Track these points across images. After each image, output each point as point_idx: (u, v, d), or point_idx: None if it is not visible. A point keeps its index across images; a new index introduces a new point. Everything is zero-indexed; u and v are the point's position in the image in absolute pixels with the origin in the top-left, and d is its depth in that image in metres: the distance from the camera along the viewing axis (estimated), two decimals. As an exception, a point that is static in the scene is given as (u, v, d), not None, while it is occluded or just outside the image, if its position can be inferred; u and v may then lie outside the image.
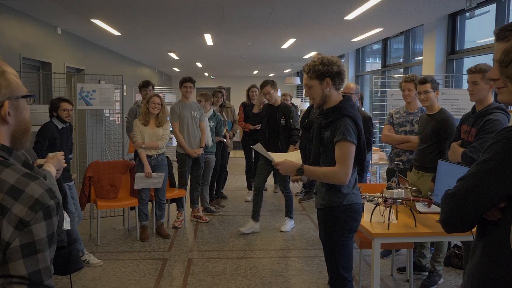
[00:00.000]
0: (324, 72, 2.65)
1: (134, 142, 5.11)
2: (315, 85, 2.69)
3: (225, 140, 6.61)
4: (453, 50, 7.19)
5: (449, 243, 4.47)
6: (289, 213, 5.83)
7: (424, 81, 3.92)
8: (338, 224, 2.69)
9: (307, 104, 9.17)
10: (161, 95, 5.49)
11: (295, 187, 8.39)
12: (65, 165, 2.38)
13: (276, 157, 2.89)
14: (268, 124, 5.64)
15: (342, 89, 2.76)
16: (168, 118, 5.58)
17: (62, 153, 2.39)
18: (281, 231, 5.64)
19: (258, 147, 3.10)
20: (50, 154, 2.35)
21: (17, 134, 1.29)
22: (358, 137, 2.62)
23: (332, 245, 2.74)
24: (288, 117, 5.50)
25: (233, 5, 6.27)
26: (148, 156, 5.16)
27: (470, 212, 1.43)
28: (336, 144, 2.60)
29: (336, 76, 2.66)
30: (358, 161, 2.66)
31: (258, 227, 5.65)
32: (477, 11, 6.80)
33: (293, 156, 2.94)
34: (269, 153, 2.98)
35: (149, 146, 5.15)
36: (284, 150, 5.38)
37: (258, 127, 6.44)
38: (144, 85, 6.09)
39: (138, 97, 8.29)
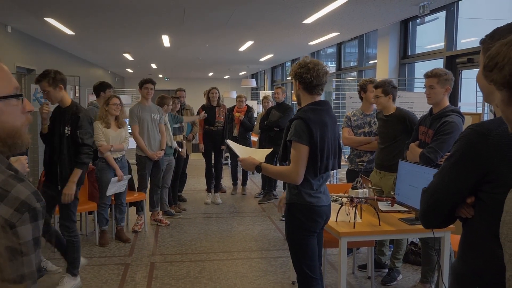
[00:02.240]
0: (296, 74, 2.74)
1: (100, 146, 4.91)
2: (294, 83, 2.81)
3: (180, 149, 6.36)
4: (405, 55, 7.49)
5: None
6: (71, 268, 3.90)
7: (376, 86, 4.16)
8: (294, 222, 2.75)
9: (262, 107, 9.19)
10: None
11: (254, 188, 8.44)
12: (28, 169, 2.31)
13: (243, 152, 3.00)
14: (51, 135, 3.85)
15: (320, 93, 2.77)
16: (127, 120, 5.46)
17: (25, 157, 2.31)
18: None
19: (229, 142, 3.15)
20: (12, 158, 2.26)
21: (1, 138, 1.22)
22: (310, 139, 2.63)
23: (291, 242, 2.81)
24: (75, 126, 3.67)
25: (194, 6, 6.24)
26: (114, 159, 5.03)
27: (440, 206, 1.52)
28: (292, 144, 2.68)
29: (305, 80, 2.71)
30: (311, 164, 2.66)
31: (79, 282, 3.97)
32: (427, 18, 7.12)
33: (259, 153, 3.04)
34: (241, 146, 3.06)
35: (118, 149, 5.03)
36: (65, 177, 3.68)
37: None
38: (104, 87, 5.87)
39: (92, 98, 8.03)
